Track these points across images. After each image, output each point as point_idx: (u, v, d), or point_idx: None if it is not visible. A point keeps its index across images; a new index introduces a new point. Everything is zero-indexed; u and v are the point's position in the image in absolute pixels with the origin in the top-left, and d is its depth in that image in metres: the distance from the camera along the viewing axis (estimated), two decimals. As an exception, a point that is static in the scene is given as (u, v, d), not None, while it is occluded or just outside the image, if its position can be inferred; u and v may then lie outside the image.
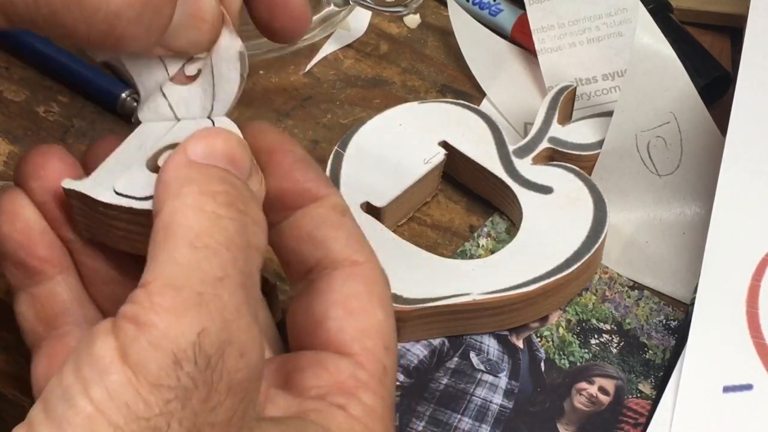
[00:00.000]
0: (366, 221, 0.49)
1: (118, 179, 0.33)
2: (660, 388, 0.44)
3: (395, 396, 0.33)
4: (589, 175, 0.52)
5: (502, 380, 0.47)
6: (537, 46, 0.57)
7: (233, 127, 0.34)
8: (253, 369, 0.28)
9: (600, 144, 0.52)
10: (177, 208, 0.29)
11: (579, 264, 0.48)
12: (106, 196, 0.33)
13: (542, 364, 0.47)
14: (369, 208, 0.49)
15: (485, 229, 0.52)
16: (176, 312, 0.27)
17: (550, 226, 0.49)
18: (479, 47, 0.59)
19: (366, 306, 0.33)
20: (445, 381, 0.46)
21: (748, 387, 0.42)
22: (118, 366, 0.26)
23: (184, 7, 0.32)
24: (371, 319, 0.33)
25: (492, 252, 0.50)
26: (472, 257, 0.51)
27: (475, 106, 0.54)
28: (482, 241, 0.51)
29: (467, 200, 0.53)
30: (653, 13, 0.53)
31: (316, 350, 0.33)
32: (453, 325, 0.47)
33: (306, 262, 0.34)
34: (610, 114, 0.52)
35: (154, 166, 0.34)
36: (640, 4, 0.53)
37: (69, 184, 0.34)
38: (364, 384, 0.32)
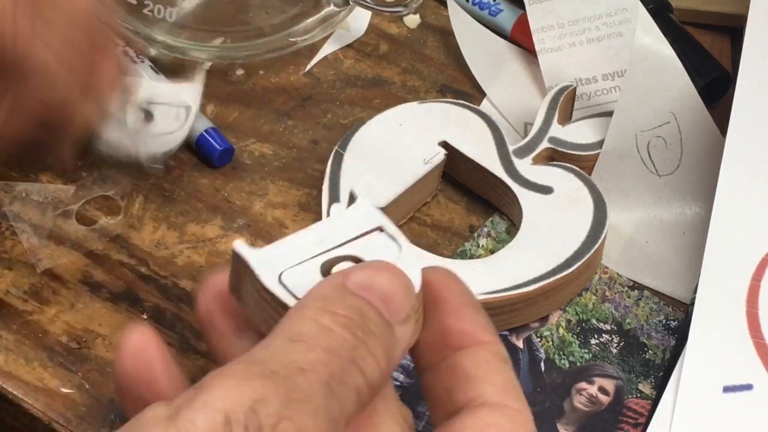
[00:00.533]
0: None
1: (287, 268, 0.32)
2: (660, 388, 0.44)
3: None
4: (589, 175, 0.52)
5: (502, 380, 0.47)
6: (537, 46, 0.57)
7: (415, 267, 0.33)
8: None
9: (600, 144, 0.52)
10: (293, 314, 0.29)
11: (579, 264, 0.48)
12: (269, 279, 0.32)
13: (542, 364, 0.47)
14: (369, 208, 0.49)
15: (485, 229, 0.52)
16: (241, 378, 0.26)
17: (550, 226, 0.49)
18: (479, 47, 0.59)
19: None
20: (445, 381, 0.46)
21: (748, 387, 0.42)
22: (163, 425, 0.25)
23: None
24: None
25: (492, 252, 0.50)
26: (472, 257, 0.51)
27: (475, 106, 0.54)
28: (482, 241, 0.51)
29: (467, 200, 0.53)
30: (653, 13, 0.53)
31: None
32: (453, 325, 0.47)
33: (457, 401, 0.32)
34: (610, 114, 0.52)
35: (327, 271, 0.33)
36: (640, 4, 0.53)
37: (240, 248, 0.33)
38: None
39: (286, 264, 0.33)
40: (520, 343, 0.48)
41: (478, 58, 0.59)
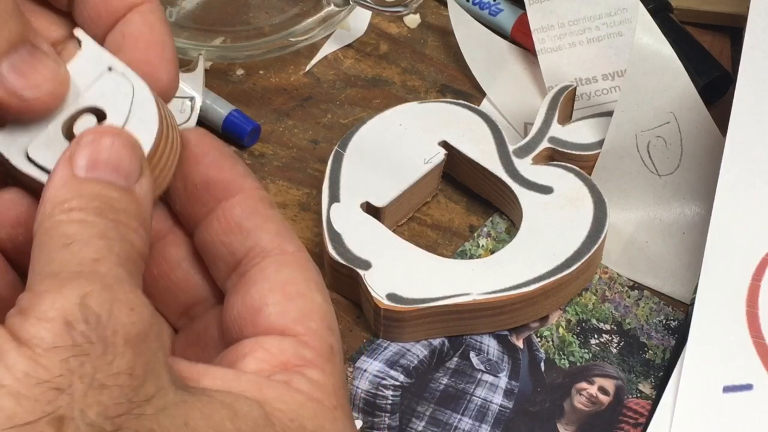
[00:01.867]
0: (366, 221, 0.49)
1: (31, 139, 0.32)
2: (660, 388, 0.44)
3: (346, 381, 0.32)
4: (589, 175, 0.52)
5: (502, 380, 0.47)
6: (537, 46, 0.57)
7: (150, 102, 0.33)
8: (147, 323, 0.28)
9: (600, 144, 0.52)
10: (50, 227, 0.30)
11: (579, 264, 0.48)
12: (17, 160, 0.32)
13: (542, 364, 0.47)
14: (369, 208, 0.49)
15: (485, 229, 0.52)
16: (57, 288, 0.27)
17: (550, 226, 0.49)
18: (479, 47, 0.59)
19: (303, 290, 0.32)
20: (445, 381, 0.46)
21: (748, 387, 0.42)
22: (12, 345, 0.26)
23: None
24: (311, 302, 0.32)
25: (492, 252, 0.50)
26: (472, 257, 0.51)
27: (475, 106, 0.54)
28: (482, 241, 0.51)
29: (467, 200, 0.53)
30: (653, 13, 0.53)
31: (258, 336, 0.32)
32: (453, 325, 0.47)
33: (235, 253, 0.33)
34: (610, 114, 0.52)
35: (69, 132, 0.33)
36: (640, 4, 0.53)
37: None
38: (310, 362, 0.31)
39: (29, 137, 0.33)
40: (520, 343, 0.48)
41: (478, 58, 0.59)
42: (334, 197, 0.49)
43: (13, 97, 0.32)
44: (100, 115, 0.33)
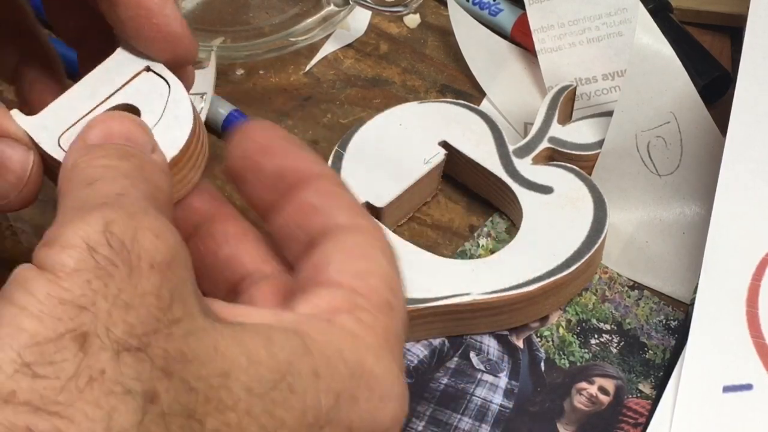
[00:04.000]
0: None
1: (63, 130, 0.33)
2: (660, 388, 0.44)
3: (401, 339, 0.31)
4: (589, 175, 0.52)
5: (502, 380, 0.47)
6: (537, 46, 0.57)
7: (185, 100, 0.34)
8: (173, 249, 0.27)
9: (600, 144, 0.52)
10: (72, 174, 0.30)
11: (579, 264, 0.48)
12: (48, 145, 0.33)
13: (542, 364, 0.47)
14: (369, 208, 0.49)
15: (485, 229, 0.52)
16: (80, 217, 0.27)
17: (550, 226, 0.49)
18: (479, 47, 0.59)
19: (369, 253, 0.32)
20: (445, 381, 0.46)
21: (748, 387, 0.42)
22: (35, 273, 0.26)
23: None
24: (374, 263, 0.32)
25: (492, 252, 0.50)
26: (472, 257, 0.51)
27: (475, 106, 0.54)
28: (482, 241, 0.51)
29: (467, 200, 0.53)
30: (653, 13, 0.53)
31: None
32: (453, 325, 0.47)
33: (309, 231, 0.33)
34: (610, 114, 0.52)
35: None
36: (640, 4, 0.53)
37: (17, 116, 0.33)
38: (362, 307, 0.30)
39: (63, 125, 0.33)
40: (520, 343, 0.48)
41: (478, 58, 0.59)
42: (334, 197, 0.49)
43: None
44: (135, 112, 0.34)
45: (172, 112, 0.34)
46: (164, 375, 0.26)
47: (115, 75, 0.35)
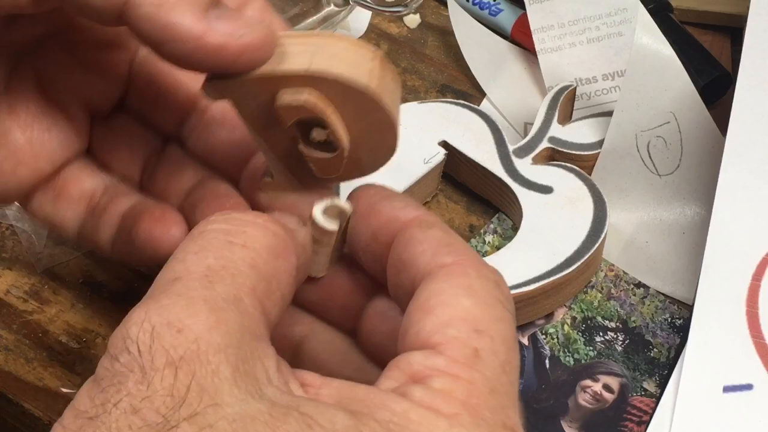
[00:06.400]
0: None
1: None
2: (665, 386, 0.44)
3: (503, 384, 0.28)
4: (589, 175, 0.52)
5: (503, 380, 0.47)
6: (537, 46, 0.57)
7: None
8: (193, 342, 0.27)
9: (600, 144, 0.53)
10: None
11: (579, 263, 0.48)
12: None
13: (547, 361, 0.47)
14: (369, 208, 0.49)
15: (491, 226, 0.52)
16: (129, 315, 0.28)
17: (550, 226, 0.49)
18: (479, 47, 0.59)
19: (447, 298, 0.29)
20: (445, 381, 0.46)
21: (748, 387, 0.42)
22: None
23: None
24: (453, 308, 0.29)
25: (498, 249, 0.50)
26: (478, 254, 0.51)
27: (475, 106, 0.54)
28: (488, 238, 0.51)
29: (467, 200, 0.53)
30: (653, 13, 0.53)
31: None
32: (453, 324, 0.47)
33: (407, 288, 0.31)
34: (610, 114, 0.52)
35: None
36: (640, 4, 0.53)
37: None
38: (440, 370, 0.28)
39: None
40: (525, 341, 0.48)
41: (478, 58, 0.59)
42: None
43: (231, 39, 0.31)
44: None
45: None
46: None
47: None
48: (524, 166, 0.52)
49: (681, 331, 0.48)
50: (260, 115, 0.33)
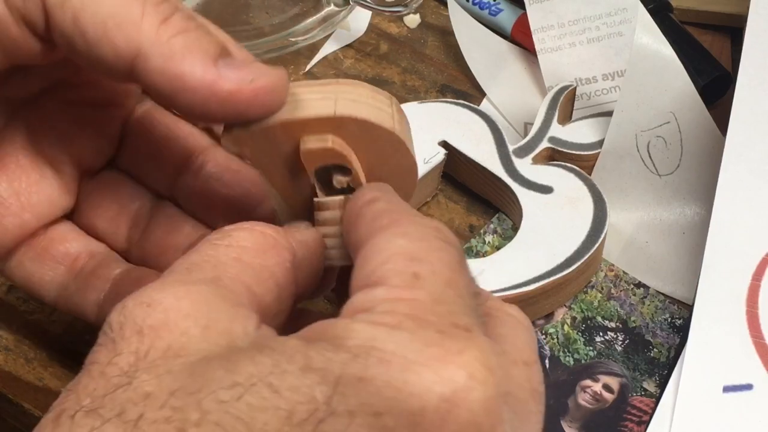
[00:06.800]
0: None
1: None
2: (665, 386, 0.44)
3: (459, 296, 0.28)
4: (589, 175, 0.52)
5: (503, 380, 0.47)
6: (537, 46, 0.57)
7: None
8: (161, 312, 0.27)
9: (600, 144, 0.53)
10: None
11: (579, 263, 0.48)
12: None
13: (547, 361, 0.47)
14: (369, 208, 0.49)
15: (491, 226, 0.52)
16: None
17: (550, 226, 0.49)
18: (479, 47, 0.59)
19: (381, 246, 0.29)
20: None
21: (748, 387, 0.42)
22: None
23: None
24: (387, 250, 0.29)
25: (498, 248, 0.50)
26: (478, 254, 0.51)
27: (475, 106, 0.54)
28: (488, 238, 0.51)
29: (467, 200, 0.53)
30: (653, 13, 0.53)
31: None
32: (453, 324, 0.47)
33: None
34: (610, 114, 0.52)
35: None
36: (640, 4, 0.53)
37: None
38: (380, 299, 0.28)
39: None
40: (521, 343, 0.48)
41: (478, 58, 0.59)
42: (335, 197, 0.49)
43: (243, 84, 0.31)
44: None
45: None
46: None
47: None
48: (524, 166, 0.52)
49: (681, 331, 0.48)
50: (278, 164, 0.33)
